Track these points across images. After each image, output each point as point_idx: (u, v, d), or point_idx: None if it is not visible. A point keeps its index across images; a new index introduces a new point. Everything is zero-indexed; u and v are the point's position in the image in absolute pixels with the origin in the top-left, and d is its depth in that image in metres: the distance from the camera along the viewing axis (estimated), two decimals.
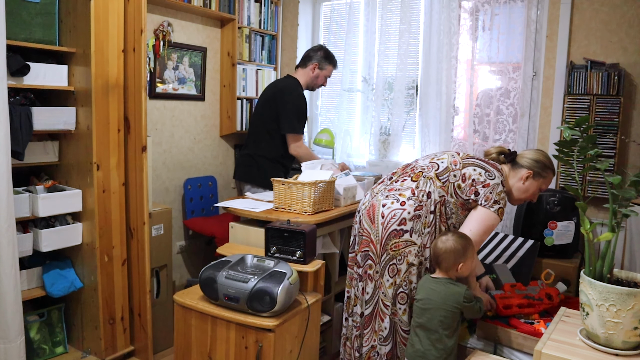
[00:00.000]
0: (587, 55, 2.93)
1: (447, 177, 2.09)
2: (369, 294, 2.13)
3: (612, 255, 1.51)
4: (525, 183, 2.13)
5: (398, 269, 2.06)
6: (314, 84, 3.19)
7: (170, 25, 3.29)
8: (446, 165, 2.12)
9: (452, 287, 1.89)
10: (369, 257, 2.12)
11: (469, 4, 3.27)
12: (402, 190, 2.12)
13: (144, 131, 2.58)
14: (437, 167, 2.12)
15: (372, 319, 2.13)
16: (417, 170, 2.17)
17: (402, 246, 2.05)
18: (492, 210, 2.02)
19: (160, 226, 2.90)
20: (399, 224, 2.05)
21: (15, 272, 2.13)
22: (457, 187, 2.08)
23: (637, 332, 1.41)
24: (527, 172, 2.12)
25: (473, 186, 2.05)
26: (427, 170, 2.13)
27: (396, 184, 2.17)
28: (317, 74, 3.15)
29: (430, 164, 2.16)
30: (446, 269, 1.92)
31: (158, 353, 2.86)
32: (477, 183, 2.05)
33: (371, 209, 2.13)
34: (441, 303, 1.88)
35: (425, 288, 1.94)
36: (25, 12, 2.29)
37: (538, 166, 2.12)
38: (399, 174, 2.23)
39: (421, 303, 1.92)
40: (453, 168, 2.10)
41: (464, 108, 3.34)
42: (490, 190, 2.03)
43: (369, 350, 2.14)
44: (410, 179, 2.14)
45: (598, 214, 2.89)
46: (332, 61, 3.20)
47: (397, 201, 2.09)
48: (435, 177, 2.10)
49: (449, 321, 1.87)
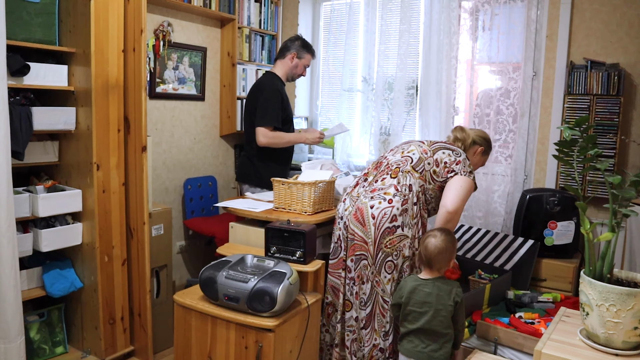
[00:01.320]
0: (587, 55, 2.93)
1: (422, 166, 2.21)
2: (365, 294, 2.15)
3: (612, 255, 1.51)
4: (476, 157, 2.43)
5: (395, 264, 2.11)
6: (293, 73, 3.14)
7: (170, 25, 3.29)
8: (418, 156, 2.24)
9: (444, 286, 1.91)
10: (363, 259, 2.14)
11: (469, 4, 3.27)
12: (385, 189, 2.18)
13: (144, 131, 2.58)
14: (411, 160, 2.23)
15: (372, 319, 2.14)
16: (393, 167, 2.24)
17: (397, 241, 2.11)
18: (468, 177, 2.19)
19: (160, 226, 2.90)
20: (390, 221, 2.11)
21: (15, 272, 2.13)
22: (433, 172, 2.21)
23: (637, 332, 1.41)
24: (480, 147, 2.41)
25: (447, 167, 2.20)
26: (403, 165, 2.23)
27: (376, 184, 2.23)
28: (295, 64, 3.10)
29: (403, 158, 2.26)
30: (439, 269, 1.94)
31: (158, 353, 2.86)
32: (450, 163, 2.20)
33: (358, 212, 2.17)
34: (437, 303, 1.88)
35: (418, 292, 1.93)
36: (25, 12, 2.29)
37: (486, 143, 2.44)
38: (374, 174, 2.29)
39: (417, 307, 1.91)
40: (425, 157, 2.23)
41: (464, 108, 3.34)
42: (463, 165, 2.21)
43: (370, 349, 2.15)
44: (389, 176, 2.22)
45: (598, 214, 2.89)
46: (310, 50, 3.15)
47: (384, 200, 2.14)
48: (412, 169, 2.21)
49: (448, 321, 1.88)
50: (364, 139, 3.76)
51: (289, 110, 3.12)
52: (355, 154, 3.82)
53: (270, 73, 3.14)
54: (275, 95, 2.98)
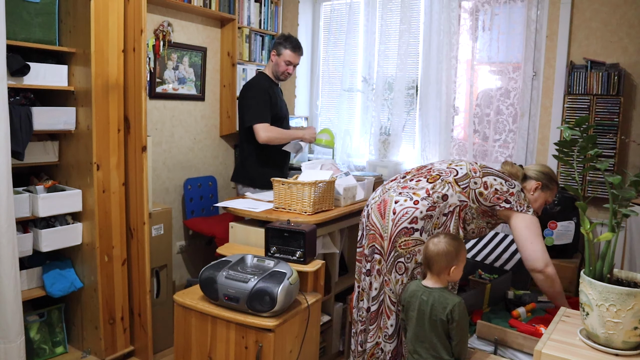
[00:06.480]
0: (587, 55, 2.93)
1: (467, 183, 2.12)
2: (376, 289, 2.12)
3: (612, 255, 1.50)
4: (534, 194, 2.22)
5: (406, 267, 2.06)
6: (277, 71, 3.10)
7: (170, 25, 3.29)
8: (465, 172, 2.15)
9: (441, 299, 1.83)
10: (377, 251, 2.11)
11: (469, 4, 3.27)
12: (416, 190, 2.12)
13: (144, 131, 2.58)
14: (456, 173, 2.15)
15: (378, 316, 2.13)
16: (434, 173, 2.19)
17: (412, 244, 2.05)
18: (529, 214, 2.11)
19: (160, 226, 2.90)
20: (410, 222, 2.05)
21: (15, 272, 2.13)
22: (479, 194, 2.11)
23: (637, 332, 1.41)
24: (537, 183, 2.22)
25: (497, 195, 2.10)
26: (445, 175, 2.15)
27: (410, 183, 2.18)
28: (276, 62, 3.07)
29: (449, 169, 2.19)
30: (437, 272, 1.88)
31: (158, 353, 2.86)
32: (501, 192, 2.11)
33: (382, 204, 2.13)
34: (431, 314, 1.83)
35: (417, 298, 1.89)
36: (25, 12, 2.29)
37: (545, 178, 2.23)
38: (413, 174, 2.25)
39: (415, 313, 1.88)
40: (473, 175, 2.14)
41: (464, 108, 3.34)
42: (517, 197, 2.11)
43: (373, 346, 2.14)
44: (426, 180, 2.16)
45: (598, 214, 2.89)
46: (288, 45, 3.04)
47: (410, 199, 2.09)
48: (454, 182, 2.12)
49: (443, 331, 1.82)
50: (364, 139, 3.76)
51: (280, 108, 3.09)
52: (355, 154, 3.82)
53: (260, 73, 3.16)
54: (260, 93, 2.97)
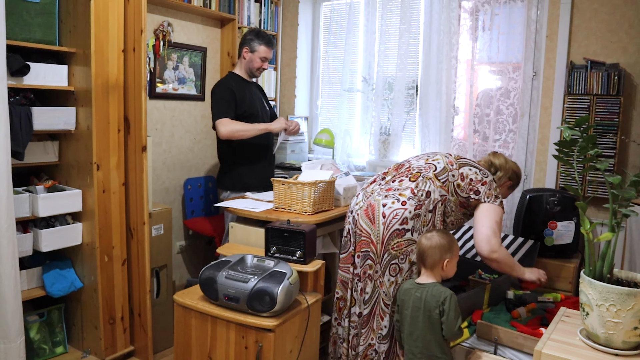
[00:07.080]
0: (587, 55, 2.93)
1: (446, 177, 2.18)
2: (368, 293, 2.13)
3: (612, 255, 1.51)
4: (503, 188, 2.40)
5: (400, 267, 2.08)
6: (251, 68, 3.06)
7: (170, 25, 3.29)
8: (443, 165, 2.21)
9: (434, 292, 1.85)
10: (368, 257, 2.12)
11: (469, 4, 3.27)
12: (401, 190, 2.15)
13: (144, 131, 2.58)
14: (435, 168, 2.21)
15: (370, 318, 2.13)
16: (414, 171, 2.22)
17: (405, 245, 2.07)
18: (495, 204, 2.18)
19: (160, 226, 2.90)
20: (400, 224, 2.07)
21: (15, 272, 2.13)
22: (457, 185, 2.18)
23: (637, 332, 1.41)
24: (509, 182, 2.40)
25: (471, 184, 2.18)
26: (425, 171, 2.20)
27: (393, 184, 2.20)
28: (250, 58, 3.04)
29: (427, 164, 2.24)
30: (431, 266, 1.90)
31: (158, 353, 2.86)
32: (475, 182, 2.18)
33: (369, 209, 2.14)
34: (425, 309, 1.84)
35: (411, 296, 1.90)
36: (25, 12, 2.29)
37: (516, 179, 2.43)
38: (393, 174, 2.27)
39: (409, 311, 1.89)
40: (450, 168, 2.20)
41: (464, 108, 3.34)
42: (489, 187, 2.19)
43: (365, 348, 2.14)
44: (408, 179, 2.19)
45: (598, 214, 2.89)
46: (261, 41, 3.01)
47: (397, 201, 2.11)
48: (434, 177, 2.17)
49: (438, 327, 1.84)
50: (364, 139, 3.76)
51: (249, 105, 3.01)
52: (355, 154, 3.82)
53: (229, 73, 3.11)
54: (223, 90, 2.93)
